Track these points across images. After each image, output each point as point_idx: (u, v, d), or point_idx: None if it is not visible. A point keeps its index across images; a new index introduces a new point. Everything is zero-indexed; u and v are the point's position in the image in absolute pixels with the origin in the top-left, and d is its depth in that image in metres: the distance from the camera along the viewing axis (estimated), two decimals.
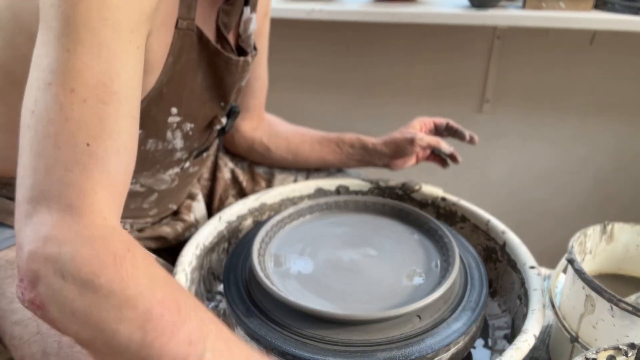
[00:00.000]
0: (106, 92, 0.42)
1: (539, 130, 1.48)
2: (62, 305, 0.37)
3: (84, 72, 0.41)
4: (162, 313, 0.38)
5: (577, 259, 0.58)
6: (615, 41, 1.32)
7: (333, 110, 1.59)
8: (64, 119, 0.40)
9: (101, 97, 0.42)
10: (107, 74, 0.42)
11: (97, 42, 0.42)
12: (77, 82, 0.41)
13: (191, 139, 0.66)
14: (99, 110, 0.42)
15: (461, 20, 1.20)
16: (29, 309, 0.39)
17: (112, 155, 0.42)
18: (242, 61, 0.65)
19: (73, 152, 0.40)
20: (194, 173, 0.76)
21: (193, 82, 0.61)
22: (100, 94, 0.42)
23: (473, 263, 0.68)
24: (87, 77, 0.41)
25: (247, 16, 0.68)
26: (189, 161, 0.71)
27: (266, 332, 0.57)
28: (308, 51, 1.52)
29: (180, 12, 0.55)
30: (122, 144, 0.43)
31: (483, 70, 1.43)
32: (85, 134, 0.41)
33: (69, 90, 0.41)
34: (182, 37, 0.56)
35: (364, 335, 0.56)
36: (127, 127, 0.44)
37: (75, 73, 0.41)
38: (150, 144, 0.62)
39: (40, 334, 0.50)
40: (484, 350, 0.65)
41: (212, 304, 0.73)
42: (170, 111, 0.60)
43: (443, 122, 0.87)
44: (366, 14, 1.24)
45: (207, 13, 0.61)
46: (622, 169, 1.49)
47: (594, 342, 0.56)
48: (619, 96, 1.39)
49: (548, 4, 1.19)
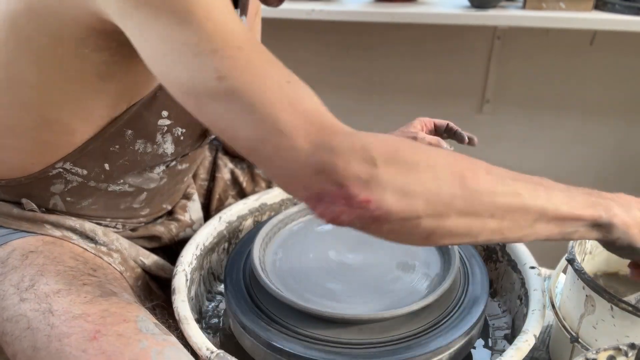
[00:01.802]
0: (257, 43, 0.42)
1: (539, 130, 1.48)
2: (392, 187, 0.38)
3: (234, 31, 0.41)
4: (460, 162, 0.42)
5: (577, 259, 0.58)
6: (616, 41, 1.32)
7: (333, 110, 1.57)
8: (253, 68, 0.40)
9: (258, 48, 0.42)
10: (244, 29, 0.42)
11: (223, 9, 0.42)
12: (238, 40, 0.41)
13: (183, 144, 0.66)
14: (269, 58, 0.42)
15: (461, 20, 1.20)
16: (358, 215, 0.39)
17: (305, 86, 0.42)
18: None
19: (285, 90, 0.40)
20: (184, 170, 0.76)
21: None
22: (256, 45, 0.42)
23: (473, 263, 0.68)
24: (239, 34, 0.41)
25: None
26: (176, 160, 0.71)
27: (266, 332, 0.57)
28: (308, 51, 1.52)
29: None
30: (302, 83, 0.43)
31: (483, 71, 1.43)
32: (278, 77, 0.41)
33: (237, 48, 0.40)
34: None
35: (364, 335, 0.56)
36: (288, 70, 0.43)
37: (230, 32, 0.41)
38: (139, 145, 0.62)
39: (31, 329, 0.51)
40: (484, 351, 0.65)
41: (212, 304, 0.73)
42: (161, 114, 0.60)
43: (443, 123, 0.87)
44: (366, 14, 1.24)
45: None
46: (622, 169, 1.49)
47: (594, 342, 0.56)
48: (619, 96, 1.39)
49: (548, 4, 1.19)
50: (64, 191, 0.63)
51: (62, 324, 0.49)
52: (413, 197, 0.39)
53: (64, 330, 0.49)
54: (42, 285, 0.54)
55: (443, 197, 0.39)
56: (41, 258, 0.58)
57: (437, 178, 0.39)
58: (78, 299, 0.52)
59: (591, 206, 0.45)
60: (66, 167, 0.60)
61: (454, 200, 0.40)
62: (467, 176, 0.40)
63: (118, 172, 0.64)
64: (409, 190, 0.38)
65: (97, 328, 0.49)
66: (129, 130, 0.59)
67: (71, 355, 0.47)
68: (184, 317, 0.57)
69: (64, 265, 0.58)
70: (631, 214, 0.47)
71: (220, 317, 0.71)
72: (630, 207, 0.47)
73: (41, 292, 0.53)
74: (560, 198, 0.44)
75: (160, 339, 0.50)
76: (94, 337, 0.48)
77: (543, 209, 0.43)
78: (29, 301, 0.53)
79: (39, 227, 0.63)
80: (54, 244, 0.62)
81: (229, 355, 0.52)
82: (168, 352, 0.49)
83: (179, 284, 0.62)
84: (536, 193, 0.43)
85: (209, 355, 0.52)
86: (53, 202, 0.64)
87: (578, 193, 0.46)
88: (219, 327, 0.69)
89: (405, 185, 0.38)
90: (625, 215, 0.47)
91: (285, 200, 0.84)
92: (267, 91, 0.39)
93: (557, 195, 0.44)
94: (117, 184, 0.65)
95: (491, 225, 0.42)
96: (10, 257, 0.58)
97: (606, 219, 0.46)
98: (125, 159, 0.62)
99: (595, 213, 0.45)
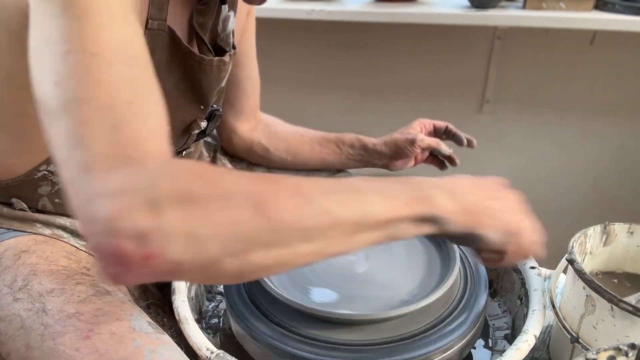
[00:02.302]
0: (127, 56, 0.40)
1: (539, 130, 1.48)
2: (176, 236, 0.34)
3: (101, 37, 0.39)
4: (259, 187, 0.37)
5: (578, 259, 0.58)
6: (616, 41, 1.32)
7: (333, 111, 1.59)
8: (95, 82, 0.38)
9: (125, 60, 0.40)
10: (123, 39, 0.40)
11: (108, 11, 0.40)
12: (98, 46, 0.39)
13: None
14: (127, 72, 0.40)
15: (461, 20, 1.20)
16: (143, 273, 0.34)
17: (152, 111, 0.40)
18: (216, 60, 0.63)
19: (117, 112, 0.38)
20: None
21: (166, 82, 0.60)
22: (123, 57, 0.40)
23: (473, 263, 0.68)
24: (106, 41, 0.39)
25: (225, 14, 0.67)
26: None
27: (266, 332, 0.57)
28: (308, 51, 1.52)
29: (151, 12, 0.54)
30: (156, 102, 0.41)
31: (483, 71, 1.43)
32: (124, 93, 0.38)
33: (91, 55, 0.38)
34: (153, 38, 0.55)
35: (364, 335, 0.56)
36: (156, 89, 0.42)
37: (92, 38, 0.39)
38: None
39: (24, 328, 0.50)
40: (484, 351, 0.65)
41: (212, 304, 0.73)
42: None
43: (442, 125, 0.87)
44: (366, 14, 1.24)
45: (179, 13, 0.61)
46: (623, 169, 1.49)
47: (595, 342, 0.56)
48: (619, 96, 1.39)
49: (548, 4, 1.19)
50: (51, 193, 0.63)
51: (56, 323, 0.49)
52: (205, 241, 0.34)
53: (57, 330, 0.49)
54: (35, 284, 0.54)
55: (241, 234, 0.36)
56: (34, 257, 0.58)
57: (234, 215, 0.35)
58: (72, 298, 0.52)
59: (412, 202, 0.42)
60: (50, 170, 0.60)
61: (256, 234, 0.36)
62: (269, 205, 0.36)
63: None
64: (199, 235, 0.34)
65: (91, 327, 0.49)
66: None
67: (64, 354, 0.47)
68: (184, 317, 0.57)
69: (57, 265, 0.58)
70: (459, 200, 0.44)
71: (220, 317, 0.71)
72: (459, 192, 0.45)
73: (35, 292, 0.53)
74: (377, 202, 0.41)
75: (154, 338, 0.50)
76: (87, 336, 0.48)
77: (359, 219, 0.40)
78: (22, 301, 0.53)
79: (30, 226, 0.63)
80: (46, 242, 0.62)
81: (229, 355, 0.52)
82: (161, 350, 0.49)
83: (179, 284, 0.62)
84: (349, 204, 0.40)
85: (209, 355, 0.52)
86: (42, 203, 0.64)
87: (399, 190, 0.42)
88: (219, 327, 0.69)
89: (194, 230, 0.34)
90: (451, 203, 0.44)
91: None
92: (92, 109, 0.37)
93: (374, 200, 0.41)
94: None
95: (305, 249, 0.39)
96: (3, 257, 0.58)
97: (429, 212, 0.43)
98: None
99: (417, 208, 0.42)
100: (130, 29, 0.41)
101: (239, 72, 0.82)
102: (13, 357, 0.51)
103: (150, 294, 0.70)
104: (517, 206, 0.48)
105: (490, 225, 0.45)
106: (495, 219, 0.46)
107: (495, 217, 0.46)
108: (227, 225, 0.35)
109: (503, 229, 0.46)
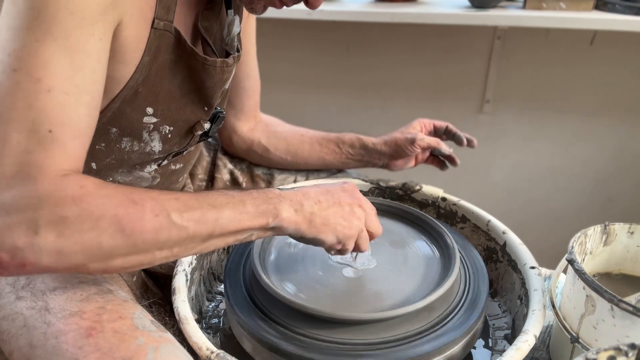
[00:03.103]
0: (70, 84, 0.46)
1: (539, 130, 1.48)
2: (48, 252, 0.43)
3: (51, 64, 0.45)
4: (125, 210, 0.45)
5: (578, 259, 0.58)
6: (616, 41, 1.32)
7: (333, 111, 1.59)
8: (27, 106, 0.44)
9: (64, 88, 0.46)
10: (72, 66, 0.46)
11: (65, 35, 0.45)
12: (44, 72, 0.44)
13: (170, 142, 0.66)
14: (61, 100, 0.45)
15: (461, 20, 1.20)
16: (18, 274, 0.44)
17: (72, 140, 0.46)
18: (220, 62, 0.64)
19: (35, 137, 0.44)
20: (178, 171, 0.75)
21: (171, 83, 0.61)
22: (64, 85, 0.45)
23: (473, 263, 0.68)
24: (53, 68, 0.45)
25: (231, 19, 0.68)
26: (167, 159, 0.70)
27: (266, 332, 0.57)
28: (308, 51, 1.52)
29: (158, 12, 0.55)
30: (81, 131, 0.48)
31: (483, 71, 1.43)
32: (48, 121, 0.45)
33: (35, 80, 0.44)
34: (159, 37, 0.56)
35: (365, 335, 0.56)
36: (86, 116, 0.48)
37: (43, 63, 0.44)
38: (125, 143, 0.62)
39: (27, 326, 0.51)
40: (484, 351, 0.65)
41: (212, 304, 0.73)
42: (146, 111, 0.60)
43: (443, 125, 0.87)
44: (366, 14, 1.24)
45: (186, 16, 0.62)
46: (623, 169, 1.49)
47: (595, 342, 0.56)
48: (619, 96, 1.39)
49: (548, 4, 1.19)
50: None
51: (59, 321, 0.50)
52: (71, 254, 0.44)
53: (60, 328, 0.49)
54: (38, 283, 0.54)
55: (104, 249, 0.44)
56: None
57: (98, 235, 0.44)
58: (74, 296, 0.52)
59: (260, 215, 0.51)
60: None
61: (117, 249, 0.45)
62: (131, 227, 0.45)
63: (106, 170, 0.64)
64: (67, 251, 0.43)
65: (93, 325, 0.49)
66: (113, 127, 0.59)
67: (67, 352, 0.47)
68: (184, 317, 0.57)
69: None
70: (303, 211, 0.54)
71: (220, 317, 0.71)
72: (305, 204, 0.55)
73: (37, 290, 0.53)
74: (229, 216, 0.50)
75: (157, 336, 0.50)
76: (89, 334, 0.48)
77: (212, 231, 0.49)
78: (25, 299, 0.53)
79: None
80: None
81: (229, 355, 0.52)
82: (164, 348, 0.49)
83: (179, 284, 0.62)
84: (204, 220, 0.48)
85: (209, 355, 0.52)
86: None
87: (251, 204, 0.51)
88: (219, 327, 0.69)
89: (63, 248, 0.43)
90: (295, 214, 0.53)
91: None
92: (13, 130, 0.44)
93: (227, 214, 0.49)
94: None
95: (161, 255, 0.48)
96: None
97: (274, 223, 0.52)
98: (112, 158, 0.62)
99: (262, 221, 0.52)
100: (86, 50, 0.47)
101: (239, 71, 0.82)
102: (16, 356, 0.51)
103: (151, 293, 0.70)
104: (350, 211, 0.57)
105: (325, 232, 0.55)
106: (329, 226, 0.55)
107: (330, 224, 0.56)
108: (91, 244, 0.44)
109: (336, 234, 0.56)
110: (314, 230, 0.55)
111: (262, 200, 0.52)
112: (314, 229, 0.55)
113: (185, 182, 0.86)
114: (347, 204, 0.57)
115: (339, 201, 0.57)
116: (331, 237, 0.56)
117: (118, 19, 0.50)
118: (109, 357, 0.46)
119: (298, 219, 0.54)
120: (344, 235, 0.56)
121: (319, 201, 0.56)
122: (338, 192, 0.58)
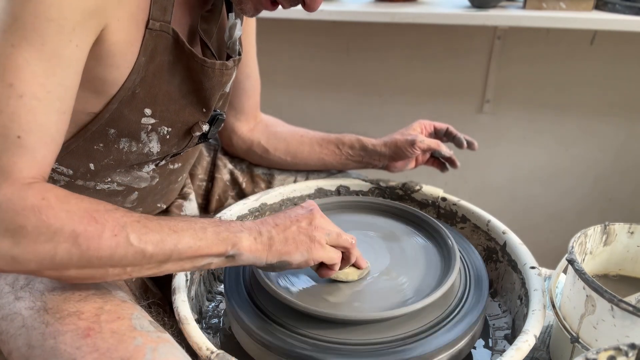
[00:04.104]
0: (42, 90, 0.46)
1: (540, 130, 1.48)
2: (2, 256, 0.45)
3: (25, 69, 0.45)
4: (85, 227, 0.46)
5: (578, 259, 0.58)
6: (616, 41, 1.32)
7: (333, 111, 1.59)
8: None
9: (36, 94, 0.46)
10: (46, 73, 0.46)
11: (41, 42, 0.45)
12: (17, 78, 0.45)
13: (168, 143, 0.66)
14: (32, 106, 0.46)
15: (462, 20, 1.20)
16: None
17: (40, 146, 0.47)
18: (218, 64, 0.63)
19: (4, 142, 0.45)
20: (177, 170, 0.75)
21: (169, 85, 0.61)
22: (36, 91, 0.46)
23: (473, 263, 0.68)
24: (26, 74, 0.45)
25: (232, 22, 0.67)
26: (165, 160, 0.70)
27: (266, 332, 0.57)
28: (308, 52, 1.52)
29: (152, 13, 0.55)
30: (51, 137, 0.48)
31: (484, 71, 1.43)
32: (17, 127, 0.46)
33: (8, 85, 0.45)
34: (155, 38, 0.56)
35: (364, 335, 0.56)
36: (56, 122, 0.49)
37: (16, 69, 0.45)
38: (123, 144, 0.62)
39: (25, 327, 0.51)
40: (484, 351, 0.65)
41: (212, 304, 0.73)
42: (144, 112, 0.60)
43: (443, 126, 0.87)
44: (366, 14, 1.24)
45: (185, 18, 0.61)
46: (623, 169, 1.49)
47: (595, 342, 0.56)
48: (619, 96, 1.39)
49: (548, 4, 1.19)
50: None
51: (57, 321, 0.50)
52: (25, 262, 0.45)
53: (58, 328, 0.49)
54: (37, 283, 0.54)
55: (58, 260, 0.46)
56: None
57: (54, 247, 0.45)
58: (73, 296, 0.52)
59: (219, 243, 0.52)
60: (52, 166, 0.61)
61: (71, 261, 0.46)
62: (88, 244, 0.46)
63: (104, 170, 0.64)
64: (21, 259, 0.45)
65: (92, 326, 0.49)
66: (111, 129, 0.60)
67: (65, 352, 0.47)
68: (184, 317, 0.57)
69: None
70: (262, 240, 0.55)
71: (220, 317, 0.71)
72: (262, 230, 0.55)
73: (36, 291, 0.53)
74: (188, 242, 0.50)
75: (155, 336, 0.50)
76: (88, 335, 0.48)
77: (168, 255, 0.50)
78: (23, 299, 0.53)
79: None
80: None
81: (229, 355, 0.52)
82: (162, 349, 0.49)
83: (179, 284, 0.62)
84: (163, 244, 0.49)
85: (209, 355, 0.52)
86: None
87: (212, 232, 0.52)
88: (219, 327, 0.69)
89: (18, 256, 0.45)
90: (254, 243, 0.54)
91: (285, 200, 0.84)
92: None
93: (186, 240, 0.50)
94: (104, 183, 0.66)
95: (114, 272, 0.49)
96: None
97: (232, 251, 0.53)
98: (110, 158, 0.63)
99: (221, 248, 0.52)
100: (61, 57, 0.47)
101: (240, 72, 0.82)
102: (15, 356, 0.51)
103: (151, 294, 0.70)
104: (308, 230, 0.57)
105: (288, 252, 0.55)
106: (291, 245, 0.56)
107: (290, 243, 0.56)
108: (46, 254, 0.45)
109: (300, 251, 0.56)
110: (276, 254, 0.55)
111: (224, 229, 0.53)
112: (275, 252, 0.55)
113: (185, 181, 0.86)
114: (305, 218, 0.57)
115: (297, 219, 0.57)
116: (298, 256, 0.56)
117: (102, 24, 0.50)
118: (106, 358, 0.46)
119: (258, 247, 0.54)
120: (309, 250, 0.56)
121: (276, 224, 0.56)
122: (295, 211, 0.59)
